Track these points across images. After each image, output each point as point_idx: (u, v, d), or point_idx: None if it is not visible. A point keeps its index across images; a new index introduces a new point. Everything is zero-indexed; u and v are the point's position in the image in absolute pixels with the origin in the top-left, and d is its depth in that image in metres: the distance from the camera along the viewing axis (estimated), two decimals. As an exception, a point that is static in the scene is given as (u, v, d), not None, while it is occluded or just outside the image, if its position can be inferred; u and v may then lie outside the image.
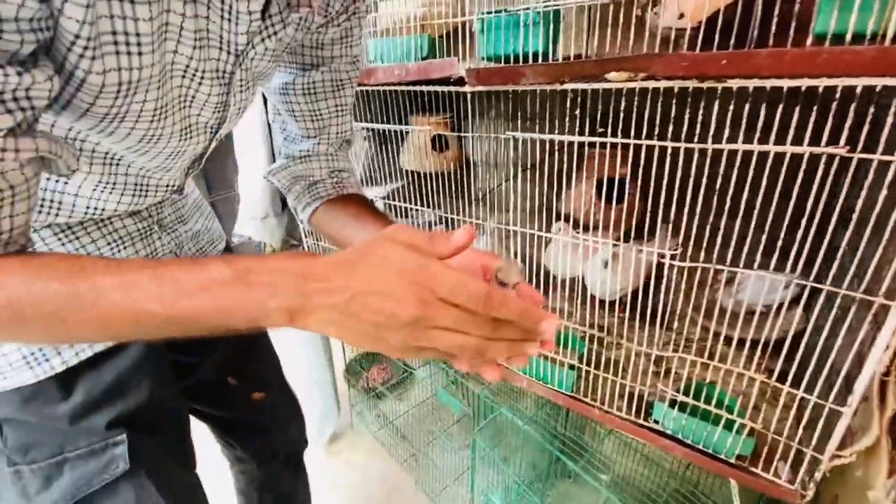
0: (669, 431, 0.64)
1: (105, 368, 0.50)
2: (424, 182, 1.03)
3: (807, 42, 0.42)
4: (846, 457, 0.51)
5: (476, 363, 0.34)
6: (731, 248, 0.57)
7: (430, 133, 1.09)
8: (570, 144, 0.69)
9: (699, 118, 0.52)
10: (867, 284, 0.47)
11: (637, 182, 0.99)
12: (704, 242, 0.59)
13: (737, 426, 0.59)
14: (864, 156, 0.41)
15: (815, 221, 0.48)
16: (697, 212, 0.60)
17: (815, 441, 0.53)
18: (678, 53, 0.46)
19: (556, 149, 0.80)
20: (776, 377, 0.59)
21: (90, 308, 0.30)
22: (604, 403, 0.72)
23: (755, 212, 0.53)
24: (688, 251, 0.63)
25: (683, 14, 0.73)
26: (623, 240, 0.97)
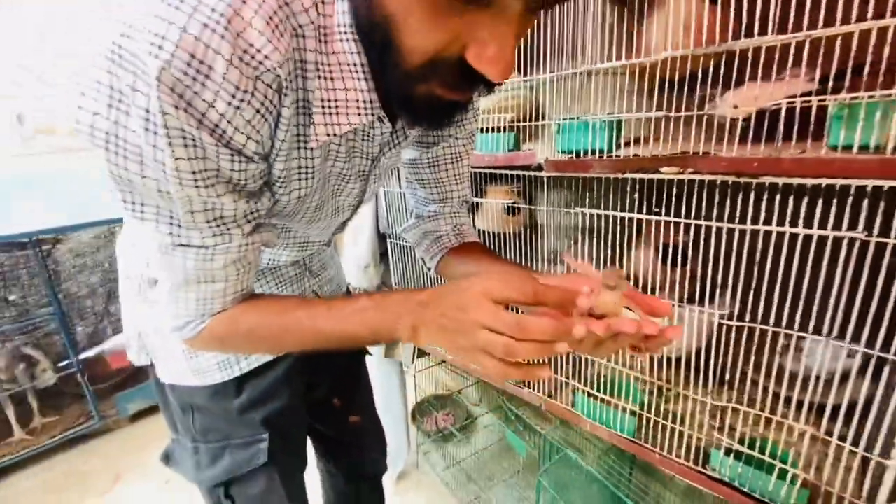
0: (726, 479, 0.70)
1: (264, 377, 0.68)
2: (496, 241, 1.18)
3: (821, 151, 0.53)
4: (896, 510, 0.55)
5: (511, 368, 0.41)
6: (789, 312, 0.65)
7: (505, 202, 1.26)
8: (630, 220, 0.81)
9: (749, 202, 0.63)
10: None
11: (698, 250, 1.08)
12: (760, 305, 0.67)
13: (790, 476, 0.64)
14: (881, 239, 0.51)
15: (877, 293, 0.55)
16: (754, 279, 0.68)
17: (866, 495, 0.58)
18: (717, 156, 0.59)
19: (619, 219, 0.92)
20: (836, 437, 0.63)
21: (294, 332, 0.49)
22: (663, 449, 0.78)
23: (819, 282, 0.60)
24: (746, 315, 0.71)
25: (737, 105, 0.86)
26: (687, 302, 1.05)
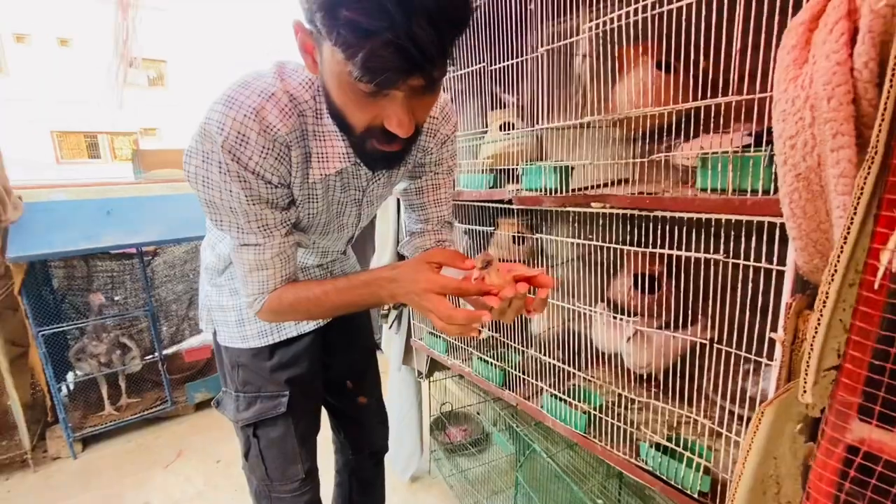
0: (648, 468, 0.82)
1: (291, 346, 0.91)
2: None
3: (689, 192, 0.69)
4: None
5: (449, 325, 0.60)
6: (747, 337, 0.79)
7: (510, 231, 1.46)
8: (609, 247, 0.98)
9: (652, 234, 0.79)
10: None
11: (669, 279, 1.20)
12: (731, 332, 0.82)
13: (695, 464, 0.76)
14: (734, 260, 0.66)
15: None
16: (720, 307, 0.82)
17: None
18: (623, 195, 0.76)
19: (602, 249, 1.09)
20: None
21: (320, 304, 0.72)
22: (606, 443, 0.91)
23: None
24: (721, 338, 0.85)
25: (687, 155, 1.02)
26: (660, 327, 1.17)
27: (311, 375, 0.95)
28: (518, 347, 1.25)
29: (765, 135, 0.80)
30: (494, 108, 1.44)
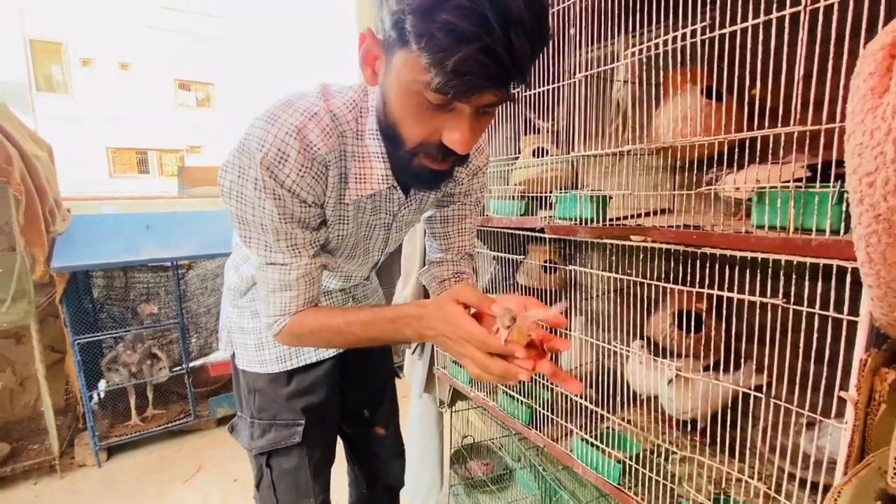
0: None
1: (309, 372, 0.89)
2: (535, 296, 1.32)
3: (743, 229, 0.63)
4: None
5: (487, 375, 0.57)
6: (800, 389, 0.71)
7: (540, 259, 1.40)
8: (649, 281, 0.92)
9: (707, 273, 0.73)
10: None
11: (718, 318, 1.12)
12: (786, 382, 0.74)
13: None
14: (796, 307, 0.59)
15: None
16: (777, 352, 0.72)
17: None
18: (667, 229, 0.71)
19: (643, 284, 1.03)
20: None
21: (341, 334, 0.69)
22: (644, 500, 0.83)
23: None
24: (774, 387, 0.76)
25: (738, 187, 0.96)
26: (705, 369, 1.08)
27: (329, 403, 0.92)
28: (547, 384, 1.18)
29: (823, 167, 0.73)
30: (527, 133, 1.42)
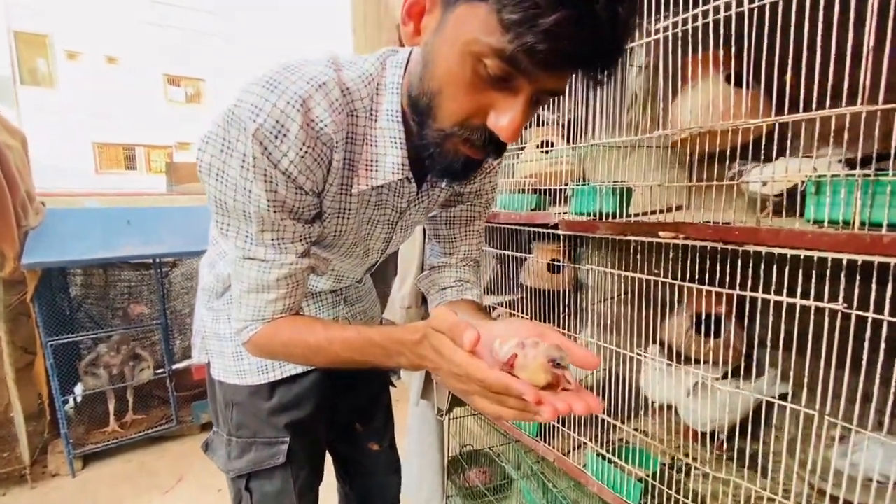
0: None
1: (294, 385, 0.79)
2: (538, 297, 1.24)
3: (795, 224, 0.56)
4: None
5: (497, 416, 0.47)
6: (833, 398, 0.62)
7: (546, 257, 1.33)
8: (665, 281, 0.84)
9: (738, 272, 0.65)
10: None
11: (739, 322, 1.04)
12: (804, 387, 0.67)
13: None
14: (859, 312, 0.51)
15: None
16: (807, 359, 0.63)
17: None
18: (705, 225, 0.63)
19: (657, 284, 0.95)
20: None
21: (320, 353, 0.60)
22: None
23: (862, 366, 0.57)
24: (789, 397, 0.70)
25: (766, 182, 0.88)
26: (723, 376, 1.01)
27: (316, 419, 0.82)
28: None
29: (863, 161, 0.66)
30: (532, 125, 1.34)
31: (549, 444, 1.00)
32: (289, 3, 14.68)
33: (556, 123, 1.30)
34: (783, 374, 1.00)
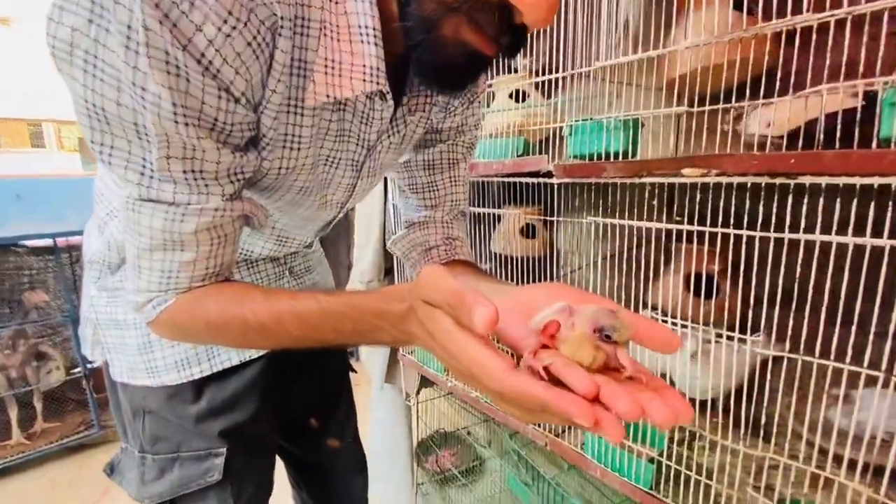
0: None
1: (228, 382, 0.61)
2: (512, 265, 1.11)
3: (872, 145, 0.45)
4: None
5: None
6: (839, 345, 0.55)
7: (520, 220, 1.19)
8: (657, 238, 0.74)
9: (773, 214, 0.54)
10: None
11: (734, 279, 0.97)
12: (806, 346, 0.57)
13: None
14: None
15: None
16: (806, 314, 0.57)
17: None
18: (749, 154, 0.51)
19: (644, 241, 0.84)
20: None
21: (270, 332, 0.42)
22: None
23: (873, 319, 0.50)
24: (786, 349, 0.61)
25: (770, 123, 0.78)
26: (718, 337, 0.93)
27: (261, 420, 0.65)
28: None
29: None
30: (500, 73, 1.18)
31: (540, 426, 0.88)
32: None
33: (529, 70, 1.15)
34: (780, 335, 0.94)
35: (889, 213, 0.44)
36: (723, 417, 0.92)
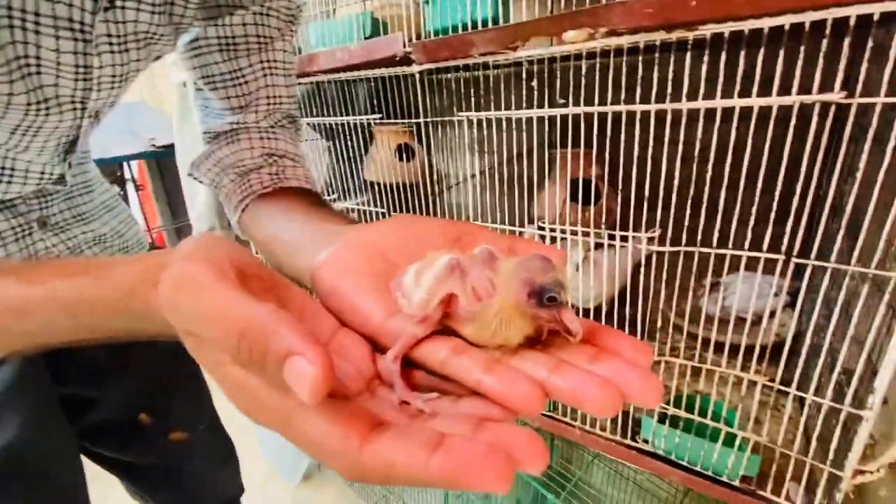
0: (661, 452, 0.55)
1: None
2: (390, 193, 0.96)
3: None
4: (871, 472, 0.42)
5: None
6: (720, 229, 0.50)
7: (392, 140, 1.03)
8: (539, 145, 0.64)
9: (669, 80, 0.45)
10: (878, 261, 0.40)
11: (612, 183, 0.93)
12: (683, 239, 0.52)
13: (738, 442, 0.50)
14: (865, 100, 0.35)
15: (809, 198, 0.41)
16: (672, 209, 0.53)
17: (832, 455, 0.45)
18: (641, 0, 0.40)
19: (525, 149, 0.74)
20: (779, 382, 0.51)
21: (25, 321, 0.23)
22: (585, 423, 0.62)
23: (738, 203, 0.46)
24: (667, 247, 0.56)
25: None
26: (598, 246, 0.91)
27: (39, 439, 0.44)
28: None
29: None
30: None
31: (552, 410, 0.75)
32: None
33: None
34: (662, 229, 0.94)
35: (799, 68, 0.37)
36: (606, 322, 0.92)
